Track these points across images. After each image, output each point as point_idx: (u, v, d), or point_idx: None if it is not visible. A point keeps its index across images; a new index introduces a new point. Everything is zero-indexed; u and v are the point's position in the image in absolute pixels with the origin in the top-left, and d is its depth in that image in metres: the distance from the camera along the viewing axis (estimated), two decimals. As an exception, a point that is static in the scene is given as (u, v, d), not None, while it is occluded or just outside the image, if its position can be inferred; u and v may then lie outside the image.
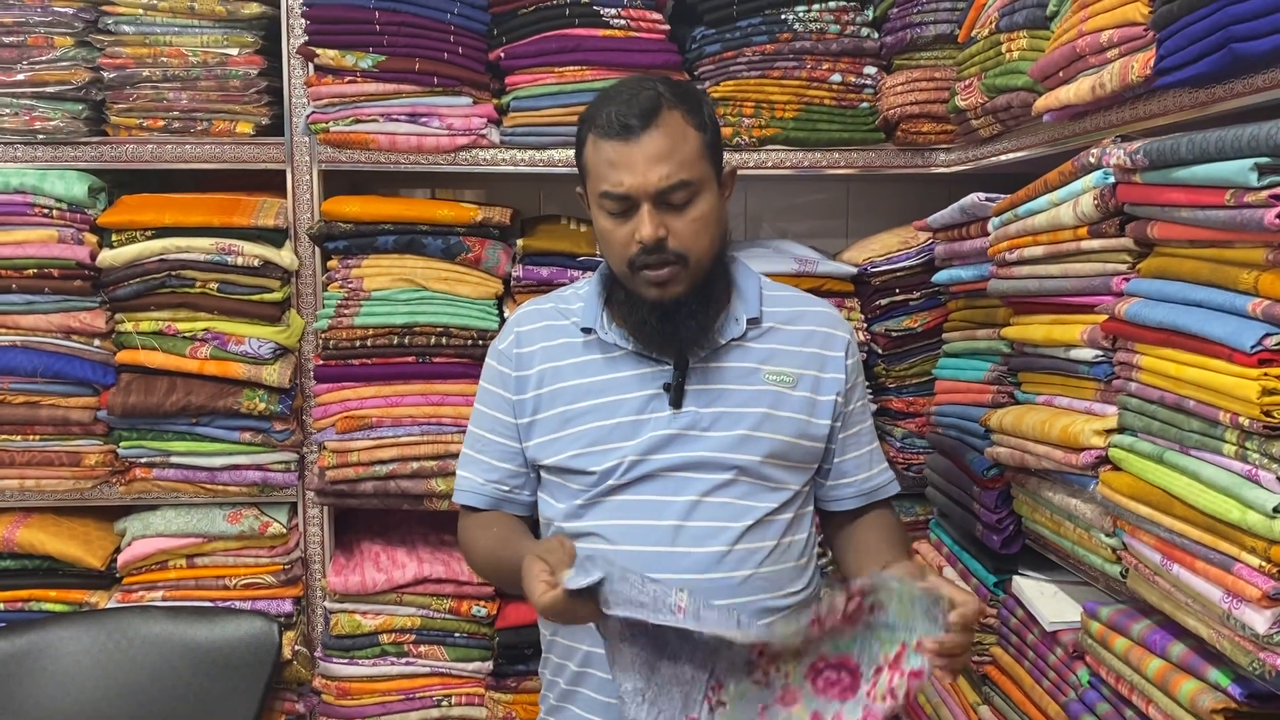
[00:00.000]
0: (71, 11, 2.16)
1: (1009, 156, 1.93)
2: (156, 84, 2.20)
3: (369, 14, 2.17)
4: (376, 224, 2.22)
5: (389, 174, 2.39)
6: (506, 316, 2.20)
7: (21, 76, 2.16)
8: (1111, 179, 1.42)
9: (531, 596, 1.28)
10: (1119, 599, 1.53)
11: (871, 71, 2.28)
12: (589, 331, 1.54)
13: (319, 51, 2.17)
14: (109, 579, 2.26)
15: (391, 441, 2.19)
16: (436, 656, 2.25)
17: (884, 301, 2.28)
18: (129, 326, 2.19)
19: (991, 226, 1.78)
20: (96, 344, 2.20)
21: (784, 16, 2.24)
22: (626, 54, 2.21)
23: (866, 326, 2.29)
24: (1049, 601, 1.71)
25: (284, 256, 2.21)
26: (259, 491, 2.26)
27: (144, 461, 2.23)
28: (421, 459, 2.19)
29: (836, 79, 2.27)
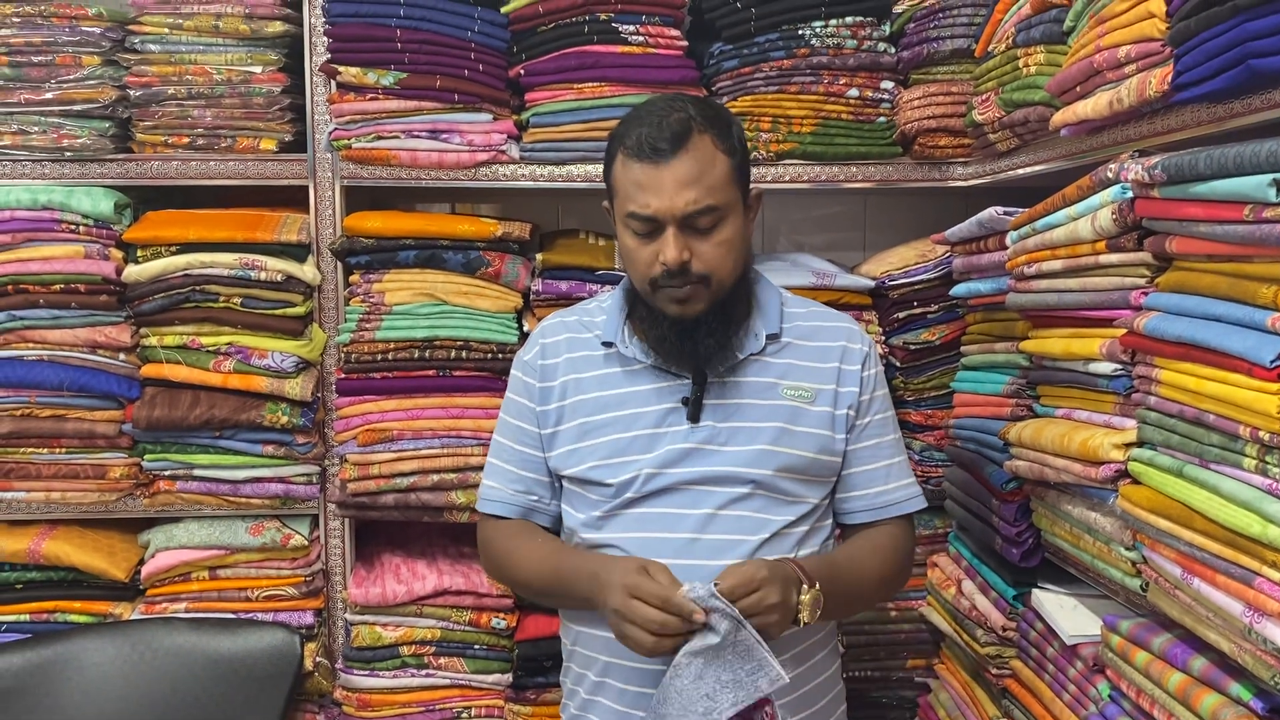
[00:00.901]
0: (99, 31, 2.20)
1: (1026, 170, 1.93)
2: (181, 101, 2.23)
3: (391, 32, 2.20)
4: (398, 239, 2.24)
5: (410, 189, 2.41)
6: (526, 330, 2.23)
7: (50, 95, 2.19)
8: (1129, 194, 1.42)
9: (633, 636, 1.34)
10: (1139, 613, 1.53)
11: (888, 86, 2.29)
12: (609, 345, 1.56)
13: (341, 69, 2.20)
14: (133, 590, 2.28)
15: (412, 454, 2.21)
16: (456, 668, 2.26)
17: (902, 315, 2.28)
18: (154, 341, 2.22)
19: (1010, 240, 1.78)
20: (122, 358, 2.23)
21: (801, 32, 2.25)
22: (645, 70, 2.23)
23: (884, 340, 2.28)
24: (1069, 615, 1.70)
25: (307, 271, 2.23)
26: (281, 504, 2.28)
27: (168, 474, 2.25)
28: (442, 471, 2.21)
29: (854, 94, 2.28)
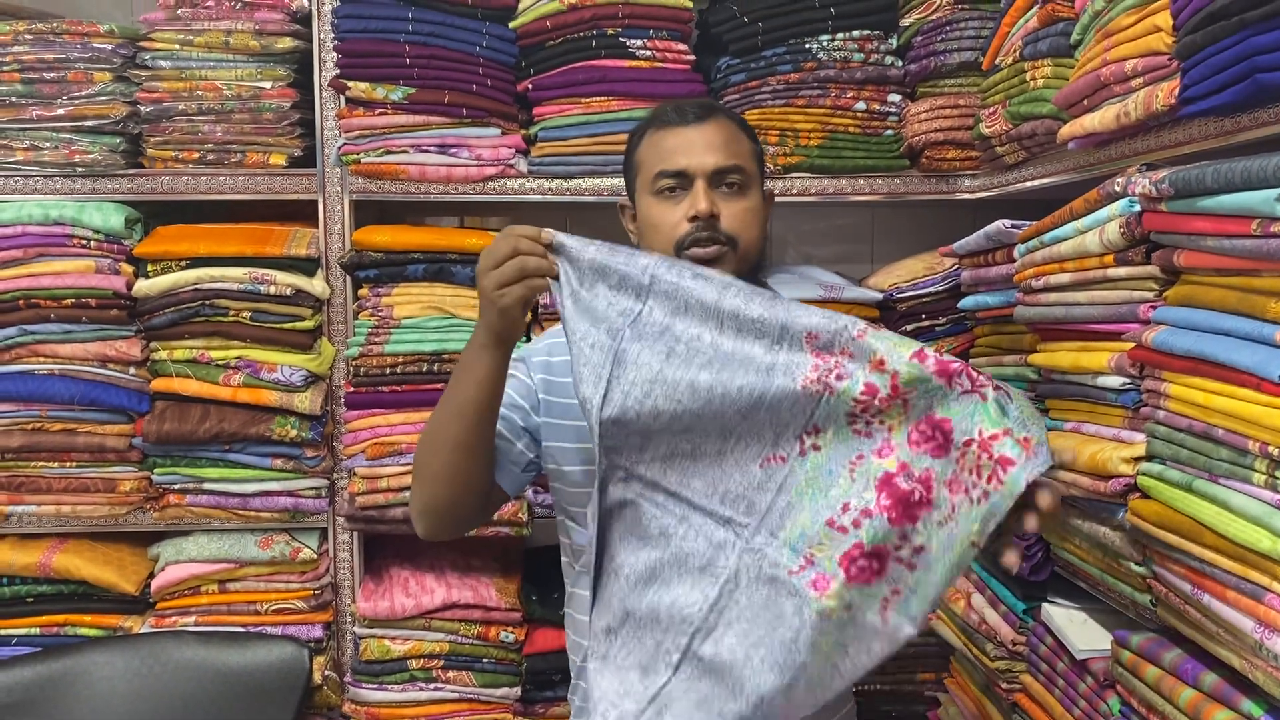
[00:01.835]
0: (110, 48, 2.21)
1: (1034, 183, 1.93)
2: (192, 117, 2.24)
3: (399, 48, 2.21)
4: (406, 253, 2.25)
5: (418, 204, 2.42)
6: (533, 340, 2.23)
7: (61, 111, 2.21)
8: (1137, 207, 1.42)
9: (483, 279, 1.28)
10: (1150, 627, 1.52)
11: (896, 99, 2.29)
12: None
13: (350, 84, 2.21)
14: (142, 604, 2.29)
15: (420, 468, 2.21)
16: (465, 682, 2.26)
17: (910, 327, 2.28)
18: (164, 354, 2.23)
19: (1018, 253, 1.78)
20: (132, 372, 2.24)
21: (808, 46, 2.26)
22: (652, 84, 2.24)
23: (893, 352, 2.28)
24: (1079, 629, 1.70)
25: (316, 285, 2.24)
26: (290, 517, 2.29)
27: (177, 488, 2.26)
28: (450, 485, 2.21)
29: (861, 107, 2.28)
